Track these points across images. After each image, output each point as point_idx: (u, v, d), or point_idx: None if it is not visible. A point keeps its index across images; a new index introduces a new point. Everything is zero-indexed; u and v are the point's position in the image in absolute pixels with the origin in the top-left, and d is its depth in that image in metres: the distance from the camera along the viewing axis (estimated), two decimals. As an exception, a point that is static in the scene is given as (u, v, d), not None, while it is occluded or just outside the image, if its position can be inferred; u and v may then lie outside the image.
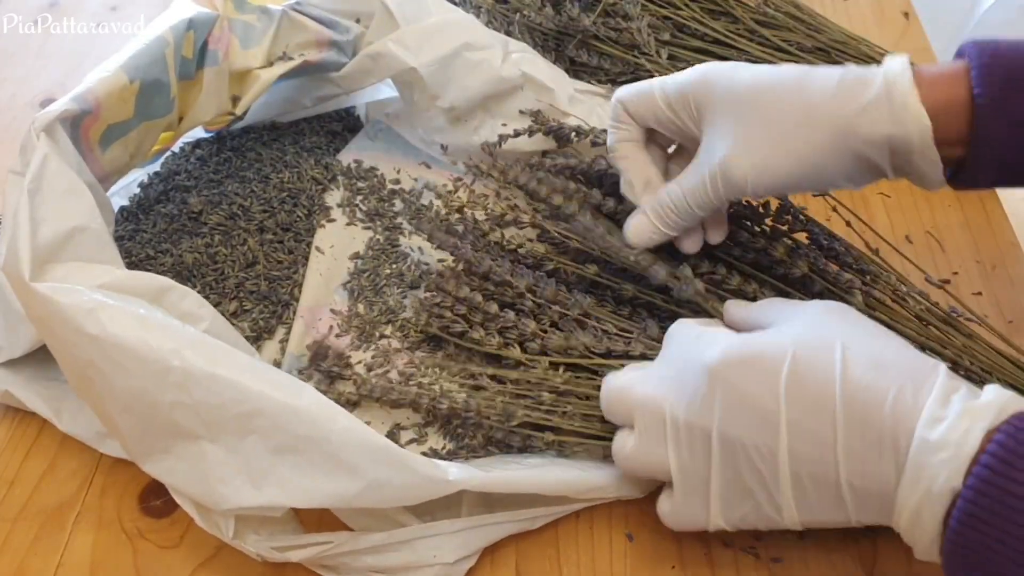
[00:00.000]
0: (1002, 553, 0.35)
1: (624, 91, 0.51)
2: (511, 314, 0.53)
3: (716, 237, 0.52)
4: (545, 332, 0.52)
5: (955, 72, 0.44)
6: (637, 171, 0.51)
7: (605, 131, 0.60)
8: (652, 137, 0.52)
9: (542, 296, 0.53)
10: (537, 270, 0.55)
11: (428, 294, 0.57)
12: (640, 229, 0.51)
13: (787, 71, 0.47)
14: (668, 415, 0.43)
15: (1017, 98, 0.43)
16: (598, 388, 0.48)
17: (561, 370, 0.51)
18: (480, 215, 0.59)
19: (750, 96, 0.46)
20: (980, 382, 0.48)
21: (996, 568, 0.36)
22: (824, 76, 0.45)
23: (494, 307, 0.54)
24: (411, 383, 0.53)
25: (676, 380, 0.44)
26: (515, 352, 0.52)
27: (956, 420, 0.37)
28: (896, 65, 0.44)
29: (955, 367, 0.49)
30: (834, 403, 0.39)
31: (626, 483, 0.48)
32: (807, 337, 0.42)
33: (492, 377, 0.52)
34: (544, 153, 0.63)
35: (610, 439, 0.47)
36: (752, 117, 0.46)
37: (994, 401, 0.38)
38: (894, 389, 0.39)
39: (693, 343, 0.45)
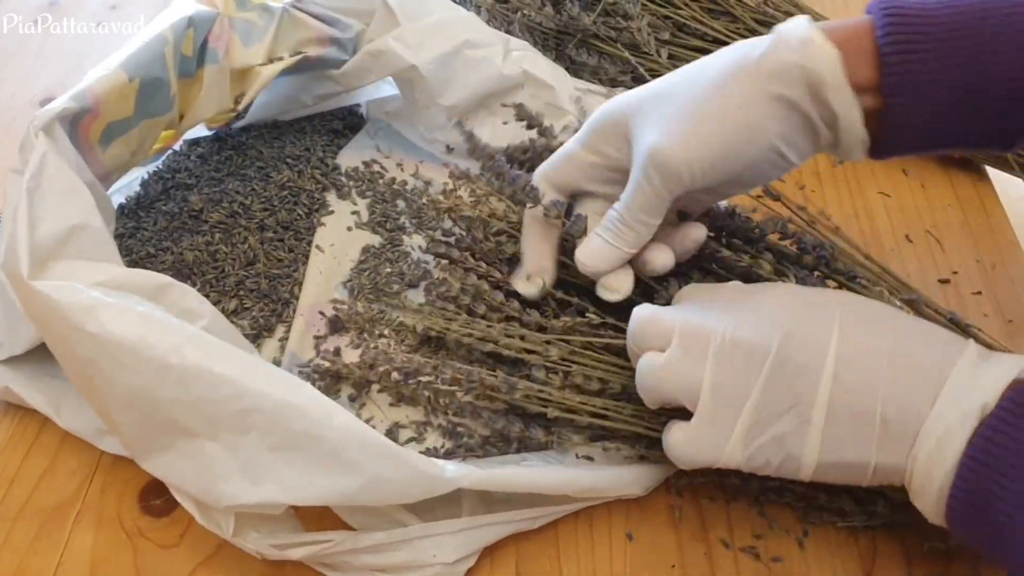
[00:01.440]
0: (1011, 487, 0.36)
1: (544, 165, 0.51)
2: (515, 303, 0.52)
3: (695, 235, 0.50)
4: (547, 321, 0.52)
5: (858, 23, 0.44)
6: (539, 245, 0.52)
7: None
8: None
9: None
10: None
11: (429, 297, 0.57)
12: (593, 252, 0.48)
13: (688, 65, 0.47)
14: (719, 334, 0.42)
15: (923, 50, 0.42)
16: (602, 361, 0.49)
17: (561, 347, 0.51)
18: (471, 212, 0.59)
19: (661, 93, 0.46)
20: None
21: (1006, 494, 0.36)
22: (725, 50, 0.46)
23: (499, 296, 0.53)
24: (410, 381, 0.53)
25: (720, 314, 0.43)
26: (516, 341, 0.51)
27: (998, 358, 0.40)
28: (797, 17, 0.44)
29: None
30: (883, 349, 0.41)
31: (626, 482, 0.48)
32: (851, 296, 0.45)
33: (492, 369, 0.52)
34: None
35: (615, 417, 0.47)
36: (668, 107, 0.45)
37: None
38: (938, 341, 0.41)
39: (733, 292, 0.46)
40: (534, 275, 0.52)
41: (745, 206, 0.55)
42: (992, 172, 0.68)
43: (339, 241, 0.63)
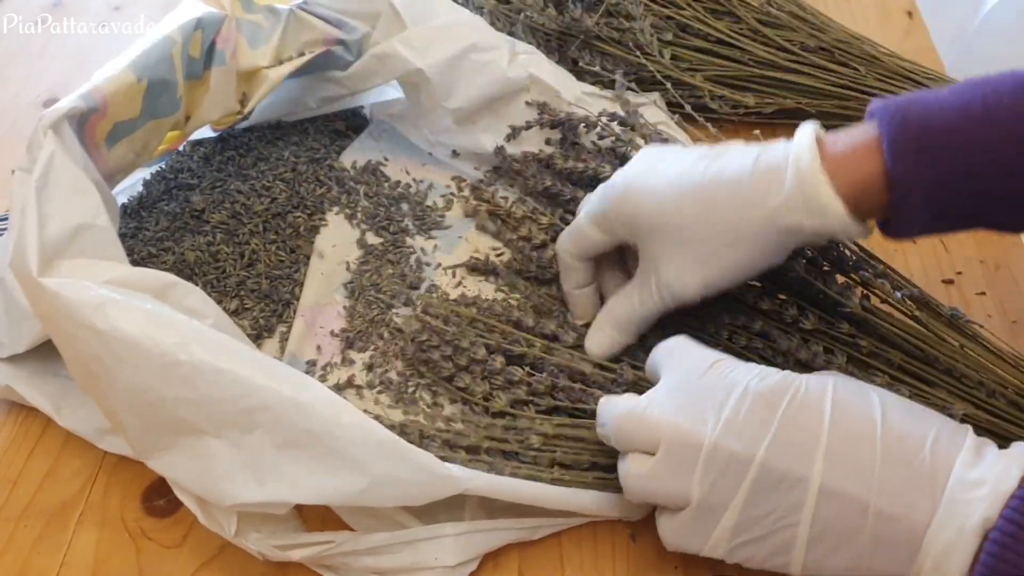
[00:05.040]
0: None
1: (562, 238, 0.55)
2: (499, 359, 0.52)
3: None
4: (532, 376, 0.51)
5: (866, 146, 0.44)
6: (584, 308, 0.56)
7: (611, 123, 0.61)
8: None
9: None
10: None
11: (417, 325, 0.56)
12: (602, 344, 0.53)
13: (698, 172, 0.47)
14: (707, 442, 0.41)
15: (931, 162, 0.43)
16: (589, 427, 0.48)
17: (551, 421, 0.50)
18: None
19: (671, 214, 0.48)
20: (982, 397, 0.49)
21: None
22: (736, 171, 0.46)
23: (482, 351, 0.53)
24: (407, 392, 0.54)
25: (704, 409, 0.42)
26: (501, 403, 0.51)
27: (994, 460, 0.39)
28: (804, 151, 0.44)
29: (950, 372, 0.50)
30: (874, 439, 0.40)
31: (627, 507, 0.48)
32: (842, 381, 0.43)
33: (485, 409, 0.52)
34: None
35: (603, 469, 0.47)
36: (680, 238, 0.48)
37: None
38: (932, 433, 0.40)
39: (715, 375, 0.44)
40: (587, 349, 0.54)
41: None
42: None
43: (341, 242, 0.63)
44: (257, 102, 0.63)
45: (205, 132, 0.69)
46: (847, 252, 0.52)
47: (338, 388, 0.55)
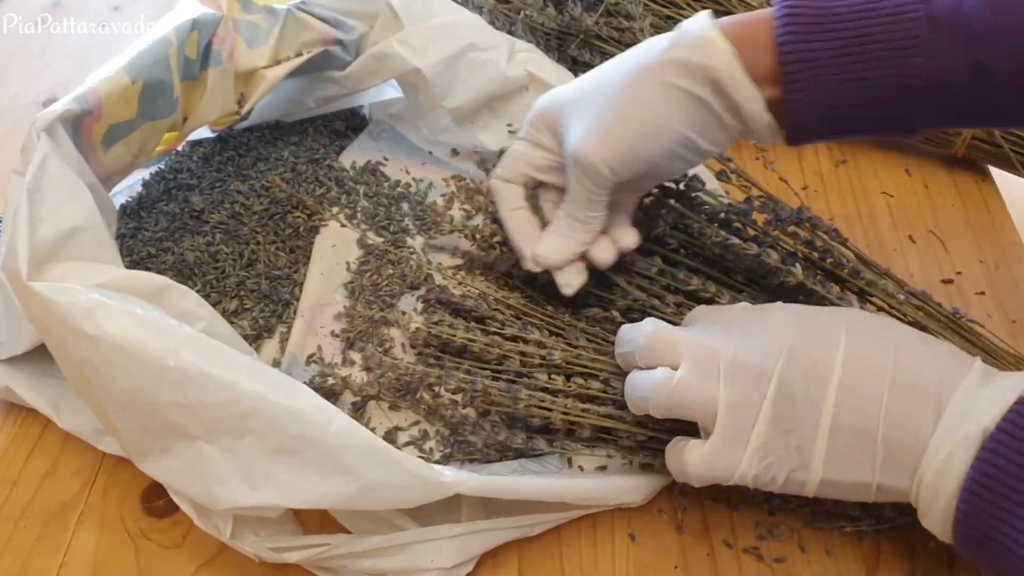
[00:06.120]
0: (1017, 511, 0.36)
1: (496, 167, 0.55)
2: (516, 323, 0.54)
3: (627, 240, 0.53)
4: (546, 343, 0.52)
5: (759, 16, 0.45)
6: (524, 231, 0.54)
7: None
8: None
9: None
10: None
11: (428, 310, 0.57)
12: (550, 247, 0.52)
13: (607, 62, 0.50)
14: (726, 355, 0.43)
15: (818, 39, 0.43)
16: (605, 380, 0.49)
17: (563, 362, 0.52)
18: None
19: (585, 90, 0.49)
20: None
21: (1010, 518, 0.36)
22: (635, 48, 0.48)
23: (499, 317, 0.54)
24: (409, 396, 0.53)
25: (727, 334, 0.45)
26: (515, 364, 0.52)
27: (1000, 379, 0.40)
28: (696, 15, 0.46)
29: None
30: (887, 370, 0.41)
31: (625, 491, 0.48)
32: (860, 314, 0.45)
33: (494, 378, 0.52)
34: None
35: (618, 424, 0.48)
36: (586, 106, 0.48)
37: None
38: (941, 362, 0.42)
39: (739, 313, 0.47)
40: (537, 257, 0.53)
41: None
42: (995, 172, 0.68)
43: (340, 242, 0.63)
44: (255, 102, 0.63)
45: (204, 132, 0.69)
46: (844, 259, 0.52)
47: (338, 389, 0.55)
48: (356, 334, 0.57)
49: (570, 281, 0.53)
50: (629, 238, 0.53)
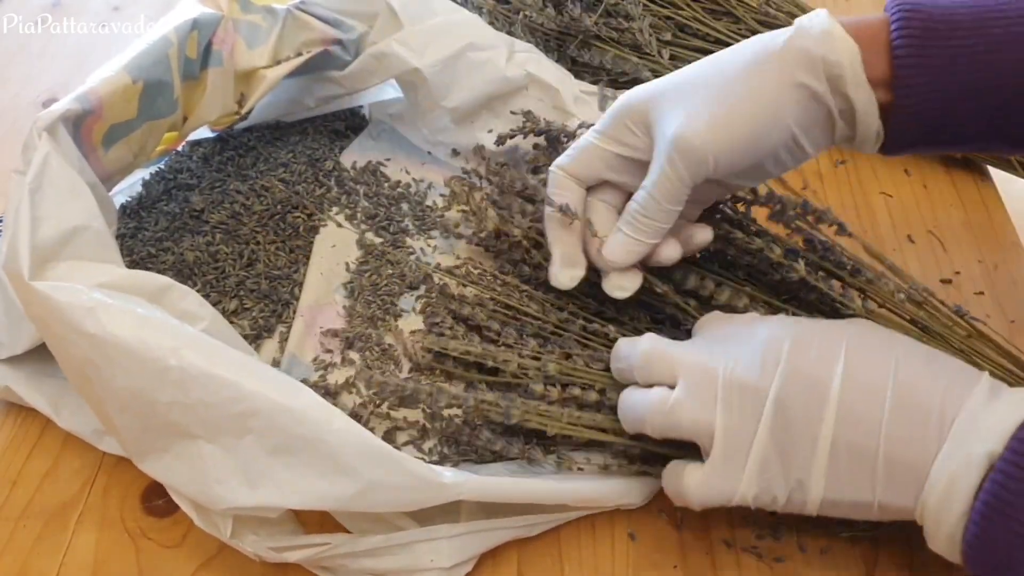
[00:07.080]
0: None
1: (561, 157, 0.51)
2: (512, 333, 0.53)
3: (700, 237, 0.51)
4: (542, 352, 0.52)
5: (874, 20, 0.45)
6: (564, 245, 0.51)
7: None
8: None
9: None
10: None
11: (428, 310, 0.57)
12: (616, 246, 0.49)
13: (710, 57, 0.48)
14: (722, 375, 0.43)
15: (935, 46, 0.43)
16: (600, 391, 0.49)
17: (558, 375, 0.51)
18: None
19: (685, 82, 0.47)
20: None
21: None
22: (746, 42, 0.47)
23: (495, 326, 0.54)
24: (406, 400, 0.53)
25: (724, 350, 0.44)
26: (513, 366, 0.51)
27: (1008, 397, 0.40)
28: (814, 12, 0.45)
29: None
30: (886, 389, 0.40)
31: (624, 492, 0.48)
32: (860, 329, 0.44)
33: (490, 385, 0.52)
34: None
35: (614, 432, 0.47)
36: (693, 95, 0.46)
37: None
38: (945, 380, 0.41)
39: (741, 324, 0.46)
40: (565, 267, 0.51)
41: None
42: (994, 172, 0.68)
43: (340, 242, 0.63)
44: (255, 102, 0.63)
45: (204, 132, 0.69)
46: (844, 259, 0.52)
47: (338, 388, 0.55)
48: (355, 334, 0.58)
49: (625, 284, 0.50)
50: (703, 234, 0.51)
